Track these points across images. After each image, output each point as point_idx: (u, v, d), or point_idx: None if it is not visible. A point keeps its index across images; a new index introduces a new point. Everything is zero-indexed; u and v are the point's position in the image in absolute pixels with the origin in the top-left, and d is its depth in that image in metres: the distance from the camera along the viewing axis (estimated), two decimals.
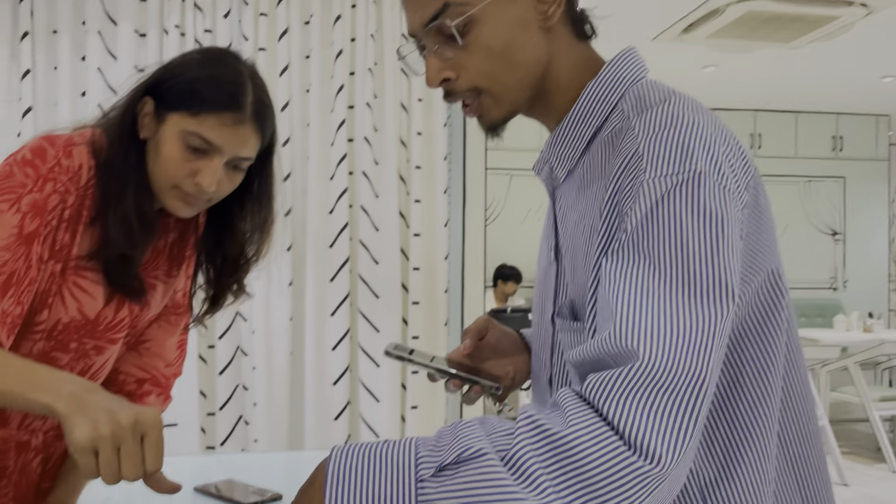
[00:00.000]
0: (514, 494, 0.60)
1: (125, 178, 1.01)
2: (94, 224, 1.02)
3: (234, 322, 2.68)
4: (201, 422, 2.63)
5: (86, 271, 1.03)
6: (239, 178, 1.05)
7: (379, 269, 2.74)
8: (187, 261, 1.17)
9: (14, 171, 0.97)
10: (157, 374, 1.20)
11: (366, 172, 2.74)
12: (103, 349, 1.08)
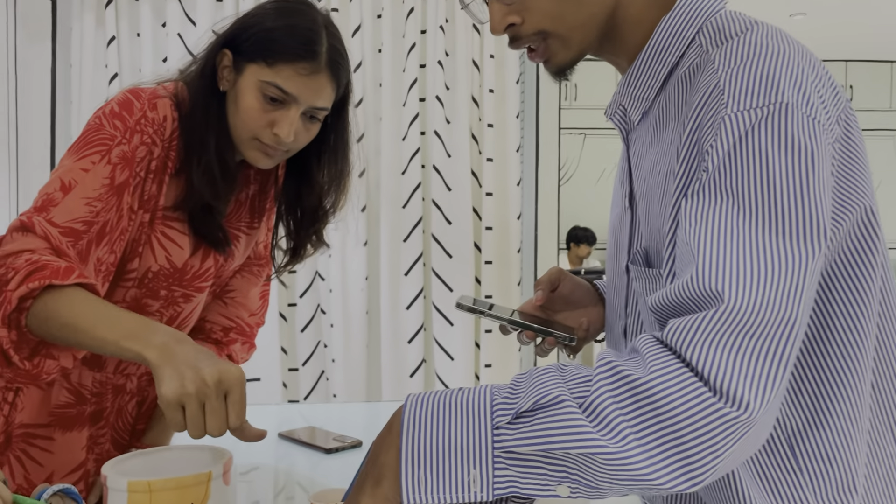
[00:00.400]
0: (594, 441, 0.59)
1: (207, 130, 1.03)
2: (178, 175, 1.05)
3: (314, 281, 2.75)
4: (283, 377, 2.72)
5: (173, 221, 1.06)
6: (315, 129, 1.06)
7: (451, 228, 2.74)
8: (268, 213, 1.20)
9: (104, 123, 1.00)
10: (241, 322, 1.24)
11: (437, 132, 2.73)
12: (191, 297, 1.12)
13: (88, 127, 1.01)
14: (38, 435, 1.07)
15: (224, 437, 0.82)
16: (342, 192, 1.16)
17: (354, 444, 1.35)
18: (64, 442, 1.08)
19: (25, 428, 1.06)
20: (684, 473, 0.59)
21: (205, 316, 1.21)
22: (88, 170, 0.97)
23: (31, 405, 1.06)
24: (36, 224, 0.93)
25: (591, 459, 0.59)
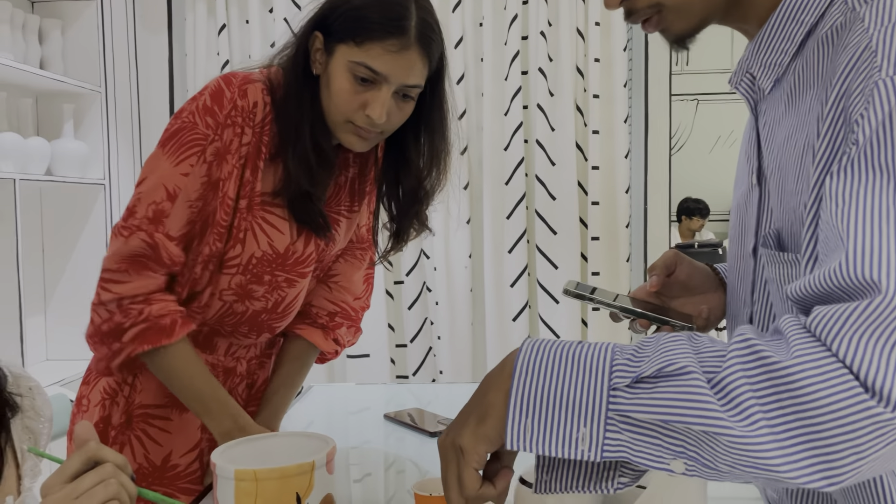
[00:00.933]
0: (718, 420, 0.54)
1: (301, 117, 1.03)
2: (274, 161, 1.06)
3: (419, 259, 2.77)
4: (391, 353, 2.77)
5: (273, 207, 1.07)
6: (409, 108, 1.03)
7: (556, 204, 2.68)
8: (368, 196, 1.19)
9: (197, 121, 1.02)
10: (346, 307, 1.25)
11: (541, 105, 2.66)
12: (294, 282, 1.13)
13: (182, 124, 1.02)
14: (156, 415, 1.13)
15: (330, 423, 0.83)
16: (442, 172, 1.13)
17: None
18: (180, 422, 1.13)
19: (145, 409, 1.12)
20: (821, 472, 0.54)
21: (310, 301, 1.22)
22: (188, 174, 1.01)
23: (149, 387, 1.12)
24: (158, 241, 1.00)
25: (713, 439, 0.55)
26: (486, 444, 0.61)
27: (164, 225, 1.00)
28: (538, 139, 2.67)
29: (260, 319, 1.13)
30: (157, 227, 1.00)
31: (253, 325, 1.14)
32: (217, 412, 1.05)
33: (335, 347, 1.23)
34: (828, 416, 0.53)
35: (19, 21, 2.27)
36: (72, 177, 2.40)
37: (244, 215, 1.06)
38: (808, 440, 0.54)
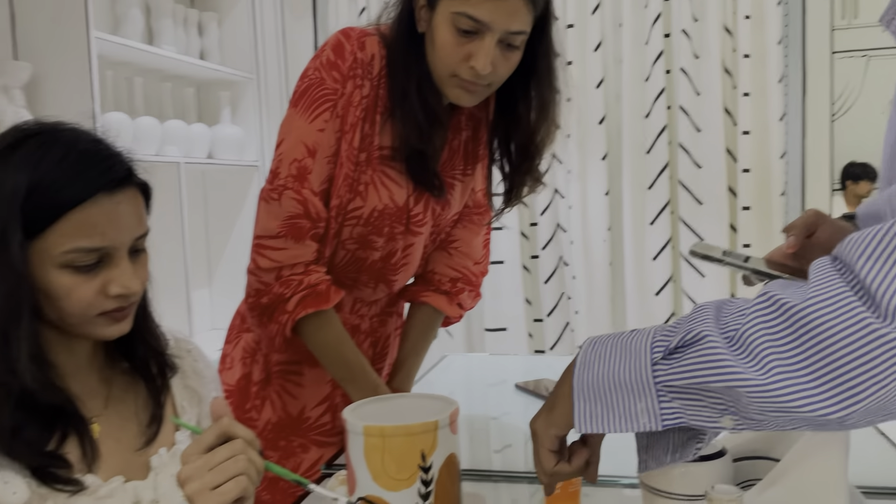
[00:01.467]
0: (737, 374, 0.57)
1: (407, 74, 1.03)
2: (391, 117, 1.07)
3: (555, 233, 2.73)
4: (528, 327, 2.77)
5: (392, 161, 1.09)
6: (515, 58, 1.01)
7: (702, 173, 2.55)
8: (482, 159, 1.19)
9: (323, 76, 1.04)
10: (467, 272, 1.26)
11: (684, 69, 2.53)
12: (410, 237, 1.15)
13: (311, 81, 1.05)
14: (291, 371, 1.20)
15: (456, 388, 0.84)
16: (552, 123, 1.10)
17: None
18: (312, 376, 1.19)
19: (281, 365, 1.20)
20: (840, 402, 0.53)
21: (433, 268, 1.24)
22: (323, 129, 1.04)
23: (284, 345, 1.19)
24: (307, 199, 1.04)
25: (737, 392, 0.57)
26: (555, 428, 0.68)
27: (308, 181, 1.04)
28: (682, 105, 2.54)
29: (377, 268, 1.16)
30: (303, 184, 1.04)
31: (371, 275, 1.17)
32: (361, 381, 1.09)
33: (459, 312, 1.25)
34: (841, 348, 0.53)
35: (181, 16, 2.46)
36: (229, 159, 2.58)
37: (364, 168, 1.08)
38: (825, 374, 0.53)
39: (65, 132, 0.76)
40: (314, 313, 1.07)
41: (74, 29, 1.90)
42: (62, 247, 0.72)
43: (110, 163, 0.75)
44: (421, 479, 0.80)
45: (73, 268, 0.73)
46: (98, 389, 0.83)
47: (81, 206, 0.72)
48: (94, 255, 0.74)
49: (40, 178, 0.71)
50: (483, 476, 1.03)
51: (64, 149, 0.73)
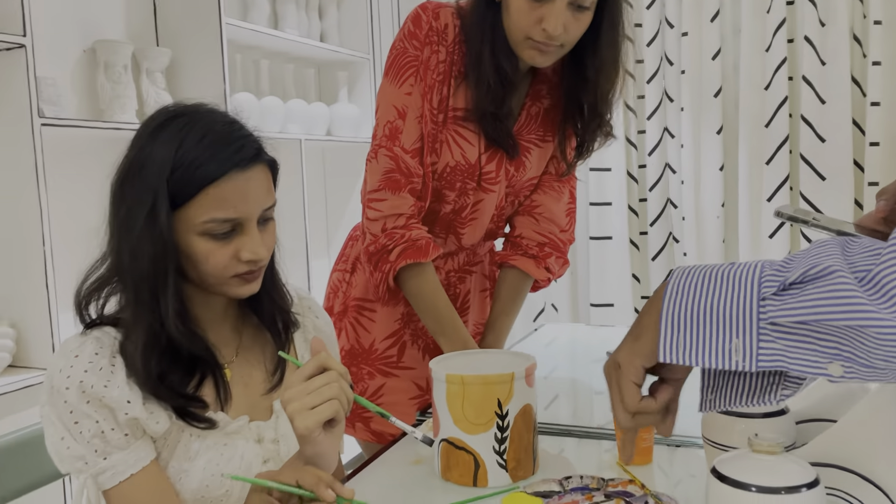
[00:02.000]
0: (868, 313, 0.52)
1: (482, 39, 1.10)
2: (466, 80, 1.15)
3: (665, 209, 2.69)
4: (635, 303, 2.75)
5: (466, 122, 1.17)
6: (586, 19, 1.06)
7: (825, 147, 2.42)
8: (562, 127, 1.23)
9: (406, 46, 1.15)
10: (554, 238, 1.30)
11: (809, 37, 2.41)
12: (481, 193, 1.23)
13: (396, 52, 1.16)
14: (365, 307, 1.30)
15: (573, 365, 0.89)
16: (616, 78, 1.15)
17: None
18: (384, 314, 1.29)
19: (357, 301, 1.31)
20: None
21: (520, 233, 1.29)
22: (411, 93, 1.14)
23: (361, 284, 1.30)
24: (397, 155, 1.14)
25: (863, 333, 0.52)
26: (640, 358, 0.63)
27: (399, 140, 1.15)
28: (805, 75, 2.43)
29: (448, 220, 1.24)
30: (395, 142, 1.15)
31: (442, 227, 1.25)
32: (451, 334, 1.17)
33: (547, 275, 1.30)
34: None
35: (302, 0, 2.61)
36: (346, 136, 2.72)
37: (440, 127, 1.16)
38: None
39: (203, 114, 0.86)
40: (413, 265, 1.16)
41: (208, 16, 2.07)
42: (201, 217, 0.83)
43: (242, 143, 0.85)
44: (497, 425, 0.86)
45: (211, 235, 0.83)
46: (231, 340, 0.95)
47: (217, 182, 0.82)
48: (227, 225, 0.84)
49: (182, 157, 0.82)
50: (563, 431, 1.08)
51: (203, 130, 0.83)
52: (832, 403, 0.75)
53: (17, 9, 1.53)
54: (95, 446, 0.83)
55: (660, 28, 2.64)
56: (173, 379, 0.86)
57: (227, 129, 0.85)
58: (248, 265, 0.86)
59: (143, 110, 1.98)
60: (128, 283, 0.84)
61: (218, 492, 0.89)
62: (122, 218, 0.83)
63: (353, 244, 1.36)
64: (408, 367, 1.30)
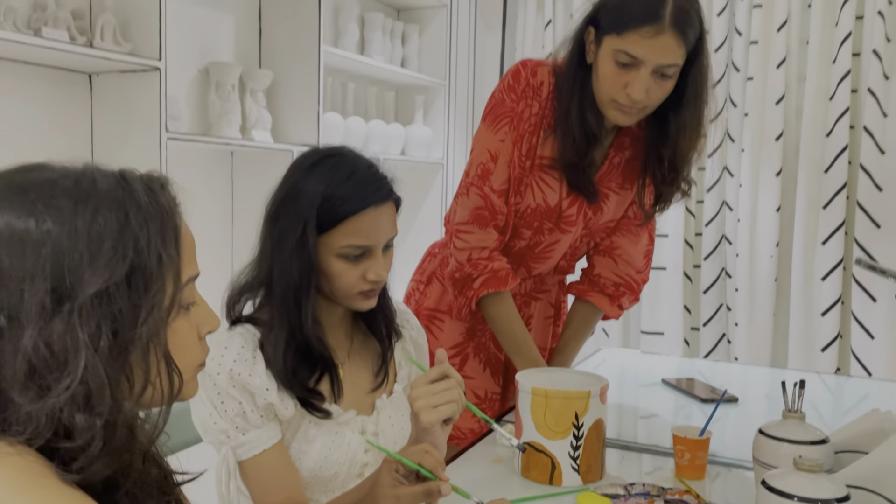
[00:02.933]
0: None
1: (571, 97, 1.24)
2: (553, 132, 1.28)
3: (720, 244, 2.79)
4: (685, 334, 2.85)
5: (550, 170, 1.31)
6: (669, 85, 1.18)
7: (882, 196, 2.50)
8: (641, 177, 1.35)
9: (504, 97, 1.29)
10: (629, 279, 1.43)
11: (872, 89, 2.49)
12: (557, 234, 1.36)
13: (495, 101, 1.30)
14: (436, 317, 1.46)
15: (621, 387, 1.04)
16: (695, 142, 1.26)
17: (729, 398, 1.45)
18: (450, 326, 1.45)
19: (429, 311, 1.46)
20: None
21: (599, 272, 1.43)
22: (504, 140, 1.28)
23: (434, 296, 1.46)
24: (486, 195, 1.29)
25: None
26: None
27: (489, 181, 1.29)
28: (866, 125, 2.51)
29: (521, 254, 1.38)
30: (485, 182, 1.29)
31: (515, 259, 1.39)
32: (525, 355, 1.32)
33: (618, 312, 1.44)
34: None
35: (388, 28, 2.80)
36: (419, 157, 2.89)
37: (526, 172, 1.31)
38: None
39: (348, 157, 1.03)
40: (494, 293, 1.30)
41: (308, 43, 2.27)
42: (340, 242, 0.99)
43: (379, 184, 1.01)
44: (573, 434, 1.00)
45: (345, 258, 1.00)
46: (344, 343, 1.11)
47: (357, 215, 0.98)
48: (360, 250, 1.00)
49: (332, 192, 0.98)
50: (625, 446, 1.21)
51: (349, 170, 1.00)
52: (867, 438, 0.87)
53: (155, 34, 1.73)
54: (237, 423, 0.99)
55: (726, 71, 2.75)
56: (302, 374, 1.02)
57: (368, 172, 1.01)
58: (372, 284, 1.02)
59: (246, 125, 2.18)
60: (275, 292, 1.00)
61: (328, 472, 1.05)
62: (276, 238, 1.00)
63: (430, 259, 1.51)
64: (468, 377, 1.45)
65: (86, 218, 0.55)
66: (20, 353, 0.52)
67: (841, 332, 2.62)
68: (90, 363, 0.52)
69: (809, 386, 0.93)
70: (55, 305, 0.53)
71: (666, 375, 1.63)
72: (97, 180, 0.57)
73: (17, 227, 0.53)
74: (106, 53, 1.66)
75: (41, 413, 0.51)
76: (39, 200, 0.54)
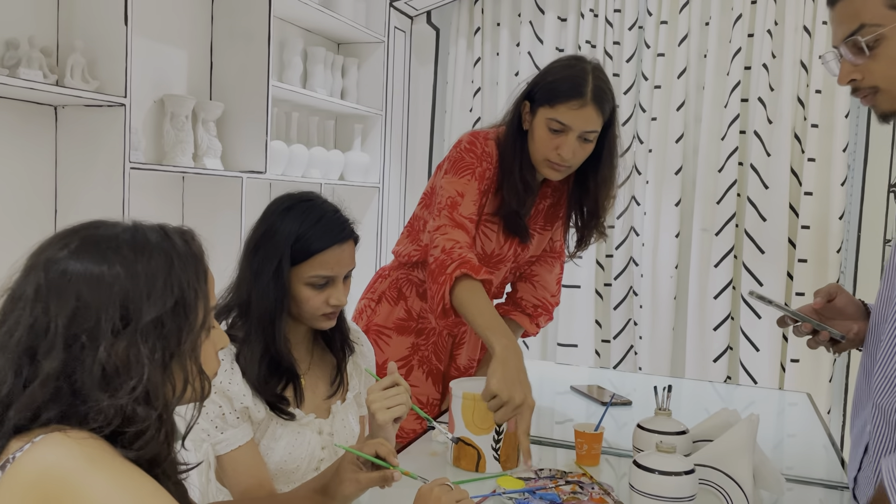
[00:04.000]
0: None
1: (514, 158, 1.50)
2: (497, 192, 1.53)
3: (628, 266, 3.11)
4: (596, 346, 3.15)
5: (490, 223, 1.56)
6: (589, 148, 1.46)
7: (766, 225, 2.86)
8: (561, 220, 1.63)
9: (464, 156, 1.53)
10: (546, 301, 1.70)
11: (758, 132, 2.86)
12: (490, 273, 1.58)
13: (455, 158, 1.53)
14: (383, 333, 1.67)
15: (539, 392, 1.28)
16: (612, 194, 1.56)
17: (624, 402, 1.73)
18: (397, 341, 1.67)
19: (378, 326, 1.68)
20: None
21: (521, 295, 1.69)
22: (469, 183, 1.51)
23: (383, 313, 1.67)
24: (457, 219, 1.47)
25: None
26: None
27: (458, 209, 1.48)
28: (752, 163, 2.87)
29: None
30: (454, 210, 1.47)
31: None
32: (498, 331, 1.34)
33: (536, 329, 1.70)
34: None
35: (329, 61, 3.00)
36: (357, 181, 3.10)
37: (476, 224, 1.54)
38: None
39: (318, 203, 1.24)
40: (466, 277, 1.37)
41: (257, 76, 2.44)
42: (308, 273, 1.20)
43: (343, 226, 1.23)
44: (495, 430, 1.24)
45: (312, 286, 1.20)
46: (305, 357, 1.31)
47: (324, 251, 1.20)
48: (325, 280, 1.21)
49: (303, 232, 1.19)
50: (538, 441, 1.46)
51: (318, 214, 1.21)
52: (716, 430, 1.14)
53: (121, 73, 1.89)
54: (216, 423, 1.18)
55: (633, 111, 3.08)
56: (272, 382, 1.22)
57: (334, 216, 1.23)
58: (334, 308, 1.23)
59: (198, 153, 2.34)
60: (253, 313, 1.20)
61: (291, 466, 1.25)
62: (255, 268, 1.20)
63: (381, 280, 1.73)
64: (413, 385, 1.67)
65: (143, 263, 0.75)
66: (97, 363, 0.71)
67: (731, 345, 2.97)
68: (149, 370, 0.72)
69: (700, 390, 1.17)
70: (122, 328, 0.72)
71: (577, 383, 1.90)
72: (147, 234, 0.77)
73: (94, 271, 0.73)
74: (76, 91, 1.81)
75: (112, 407, 0.71)
76: (109, 250, 0.74)
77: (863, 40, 0.99)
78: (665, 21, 2.97)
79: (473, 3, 3.29)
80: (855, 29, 1.00)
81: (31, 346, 0.71)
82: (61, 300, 0.71)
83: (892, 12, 0.97)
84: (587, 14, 3.08)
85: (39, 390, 0.70)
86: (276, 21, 2.55)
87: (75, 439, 0.69)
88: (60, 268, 0.73)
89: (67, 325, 0.71)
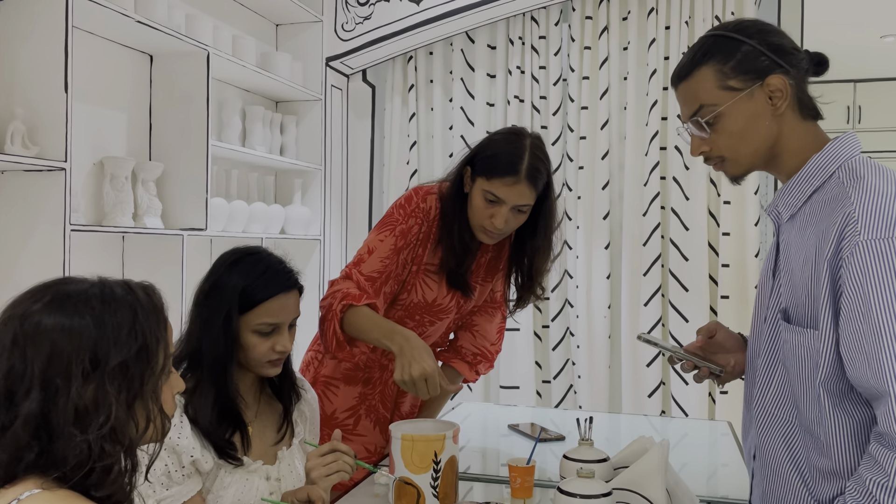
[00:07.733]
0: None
1: (453, 219, 1.60)
2: (439, 244, 1.62)
3: (564, 307, 3.24)
4: (537, 386, 3.25)
5: (432, 273, 1.65)
6: (522, 218, 1.57)
7: (688, 265, 3.03)
8: (501, 272, 1.73)
9: (394, 212, 1.63)
10: (485, 350, 1.79)
11: (676, 178, 3.05)
12: (434, 323, 1.69)
13: (386, 214, 1.63)
14: (331, 383, 1.73)
15: (484, 435, 1.36)
16: (545, 266, 1.66)
17: (557, 437, 1.82)
18: (345, 391, 1.73)
19: (326, 377, 1.73)
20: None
21: (461, 343, 1.79)
22: (383, 240, 1.60)
23: (331, 365, 1.73)
24: (353, 274, 1.58)
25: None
26: None
27: (361, 266, 1.58)
28: (673, 207, 3.05)
29: None
30: (357, 267, 1.58)
31: None
32: (392, 334, 1.44)
33: (475, 376, 1.79)
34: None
35: (268, 119, 3.09)
36: (298, 234, 3.17)
37: (412, 275, 1.63)
38: None
39: (263, 255, 1.31)
40: (351, 308, 1.48)
41: (196, 136, 2.51)
42: (255, 321, 1.26)
43: (287, 276, 1.30)
44: (433, 469, 1.31)
45: (259, 333, 1.27)
46: (252, 404, 1.37)
47: (269, 300, 1.27)
48: (271, 327, 1.28)
49: (249, 283, 1.26)
50: (475, 477, 1.53)
51: (264, 266, 1.28)
52: (633, 456, 1.24)
53: (61, 139, 1.94)
54: (162, 481, 1.22)
55: (562, 161, 3.25)
56: (219, 428, 1.27)
57: (279, 266, 1.30)
58: (279, 354, 1.30)
59: (138, 212, 2.38)
60: (205, 362, 1.26)
61: None
62: (205, 319, 1.26)
63: None
64: (361, 435, 1.73)
65: (110, 315, 0.82)
66: (70, 402, 0.78)
67: (663, 380, 3.10)
68: (115, 409, 0.79)
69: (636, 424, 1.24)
70: (92, 371, 0.80)
71: (514, 422, 1.98)
72: (114, 288, 0.85)
73: (65, 323, 0.81)
74: (16, 158, 1.84)
75: (84, 442, 0.78)
76: (80, 303, 0.82)
77: (703, 120, 1.11)
78: (587, 76, 3.16)
79: (407, 62, 3.44)
80: (696, 109, 1.12)
81: (10, 391, 0.78)
82: (37, 347, 0.79)
83: (726, 92, 1.10)
84: (514, 71, 3.26)
85: (22, 430, 0.77)
86: (214, 82, 2.63)
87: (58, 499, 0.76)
88: (35, 320, 0.80)
89: (44, 369, 0.78)
